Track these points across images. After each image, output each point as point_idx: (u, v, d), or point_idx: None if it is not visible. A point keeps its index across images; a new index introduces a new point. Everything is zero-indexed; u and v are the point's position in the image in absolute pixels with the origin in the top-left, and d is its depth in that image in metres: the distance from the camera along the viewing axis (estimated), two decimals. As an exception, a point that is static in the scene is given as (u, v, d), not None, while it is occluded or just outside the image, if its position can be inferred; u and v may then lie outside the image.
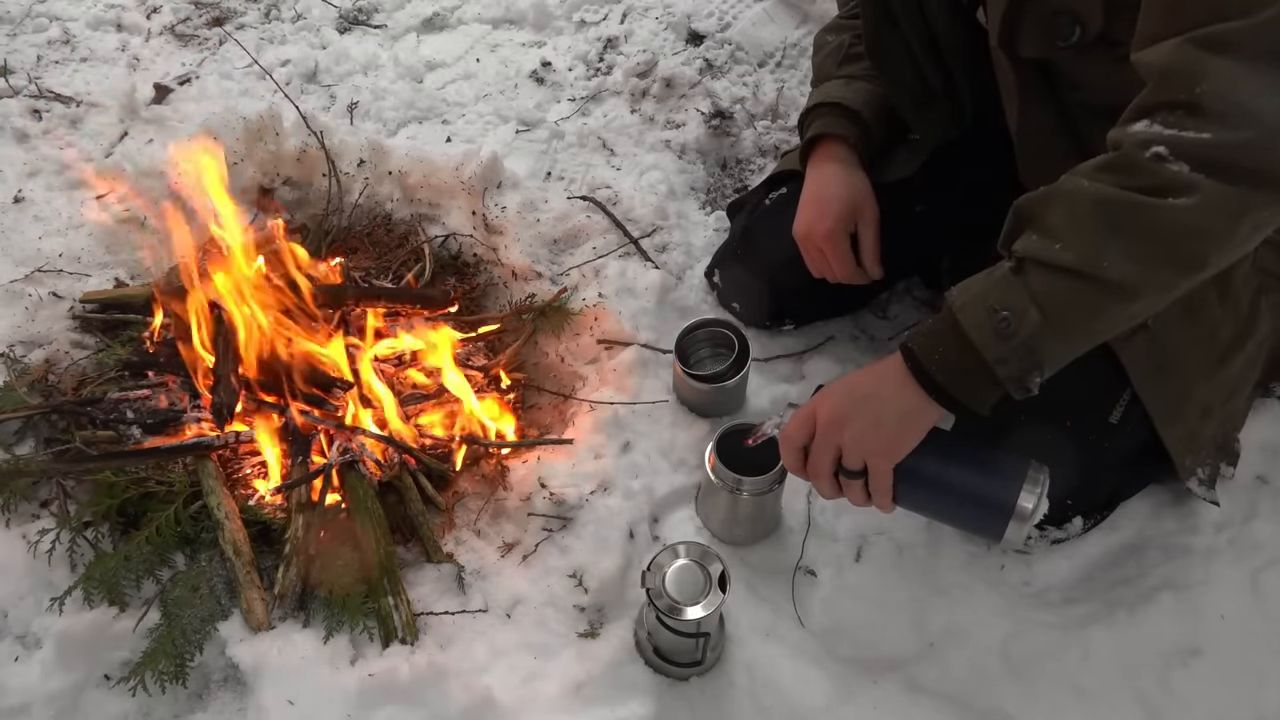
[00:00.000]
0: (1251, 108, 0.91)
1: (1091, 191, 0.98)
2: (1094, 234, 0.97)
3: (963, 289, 1.06)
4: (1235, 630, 1.36)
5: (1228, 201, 0.93)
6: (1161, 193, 0.94)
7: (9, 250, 1.84)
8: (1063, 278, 0.98)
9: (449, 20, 2.40)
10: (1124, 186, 0.96)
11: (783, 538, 1.50)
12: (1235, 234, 0.96)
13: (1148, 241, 0.96)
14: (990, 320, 1.01)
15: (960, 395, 1.06)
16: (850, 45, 1.52)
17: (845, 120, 1.48)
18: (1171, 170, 0.93)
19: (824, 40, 1.60)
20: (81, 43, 2.32)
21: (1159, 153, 0.94)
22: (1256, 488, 1.49)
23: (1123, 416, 1.33)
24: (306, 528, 1.43)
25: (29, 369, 1.63)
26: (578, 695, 1.32)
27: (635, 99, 2.18)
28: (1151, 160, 0.94)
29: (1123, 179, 0.96)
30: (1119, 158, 0.97)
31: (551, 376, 1.70)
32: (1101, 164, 0.99)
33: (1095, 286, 0.97)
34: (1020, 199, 1.05)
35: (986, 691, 1.35)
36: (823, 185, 1.48)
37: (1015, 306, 1.00)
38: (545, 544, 1.47)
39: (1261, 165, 0.92)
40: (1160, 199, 0.94)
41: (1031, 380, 1.03)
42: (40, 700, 1.30)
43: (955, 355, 1.04)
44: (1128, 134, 0.97)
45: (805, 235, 1.49)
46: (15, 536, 1.43)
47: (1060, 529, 1.41)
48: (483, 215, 1.87)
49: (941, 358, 1.05)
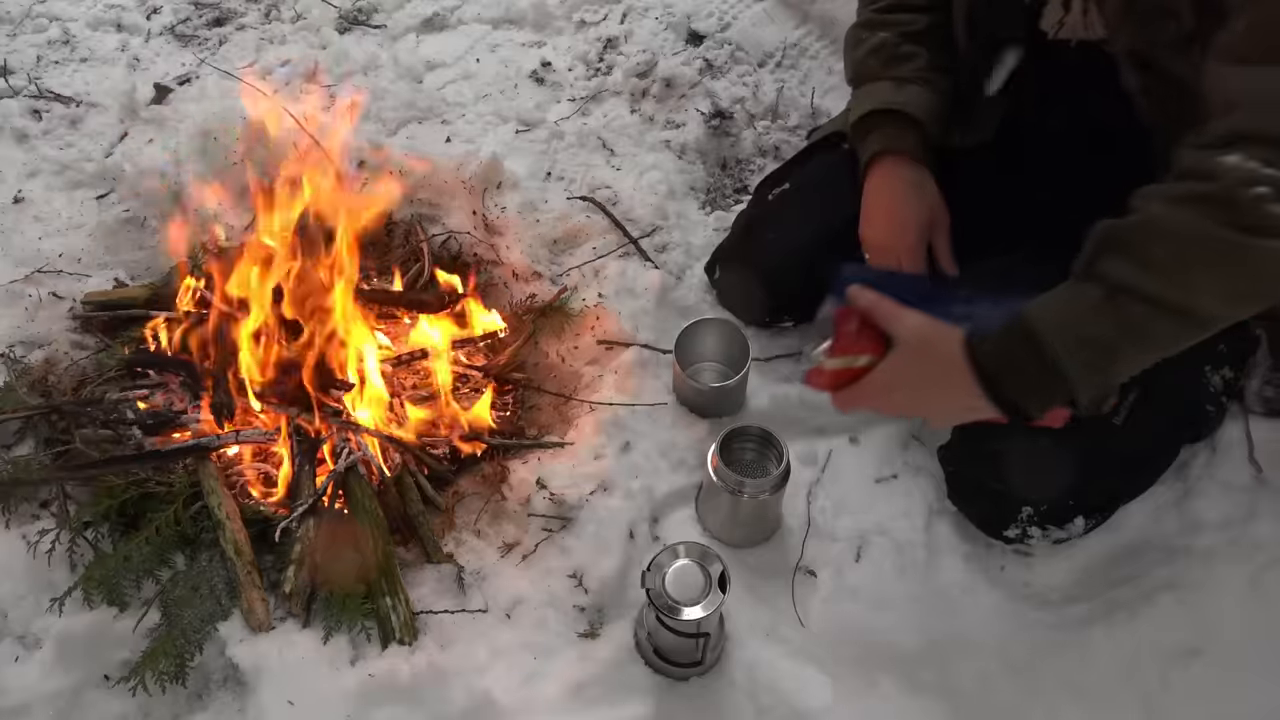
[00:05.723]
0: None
1: (1193, 227, 0.98)
2: (1191, 269, 0.98)
3: (1043, 311, 1.04)
4: (1235, 630, 1.36)
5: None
6: (1261, 233, 0.94)
7: (9, 250, 1.84)
8: (1156, 311, 0.99)
9: (449, 20, 2.40)
10: (1227, 224, 0.96)
11: (783, 538, 1.50)
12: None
13: (1244, 281, 0.98)
14: (1085, 351, 1.01)
15: (1030, 408, 1.07)
16: (898, 44, 1.46)
17: (907, 129, 1.43)
18: (1274, 212, 0.94)
19: (860, 36, 1.51)
20: (81, 43, 2.31)
21: (1261, 194, 0.94)
22: (1256, 488, 1.49)
23: (1126, 418, 1.33)
24: (316, 529, 1.43)
25: (29, 369, 1.63)
26: (578, 696, 1.32)
27: (635, 99, 2.18)
28: (1255, 200, 0.94)
29: (1223, 215, 0.96)
30: (1220, 192, 0.96)
31: (552, 377, 1.70)
32: (1197, 194, 0.98)
33: (1184, 319, 0.99)
34: (1107, 223, 1.03)
35: (986, 691, 1.35)
36: (897, 199, 1.44)
37: (1105, 338, 1.01)
38: (545, 544, 1.47)
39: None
40: (1260, 239, 0.94)
41: (1107, 401, 1.05)
42: (40, 700, 1.30)
43: (1036, 380, 1.04)
44: (1224, 166, 0.96)
45: (883, 249, 1.45)
46: (15, 537, 1.43)
47: (1062, 529, 1.41)
48: (483, 215, 1.87)
49: (1021, 380, 1.05)
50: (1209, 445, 1.51)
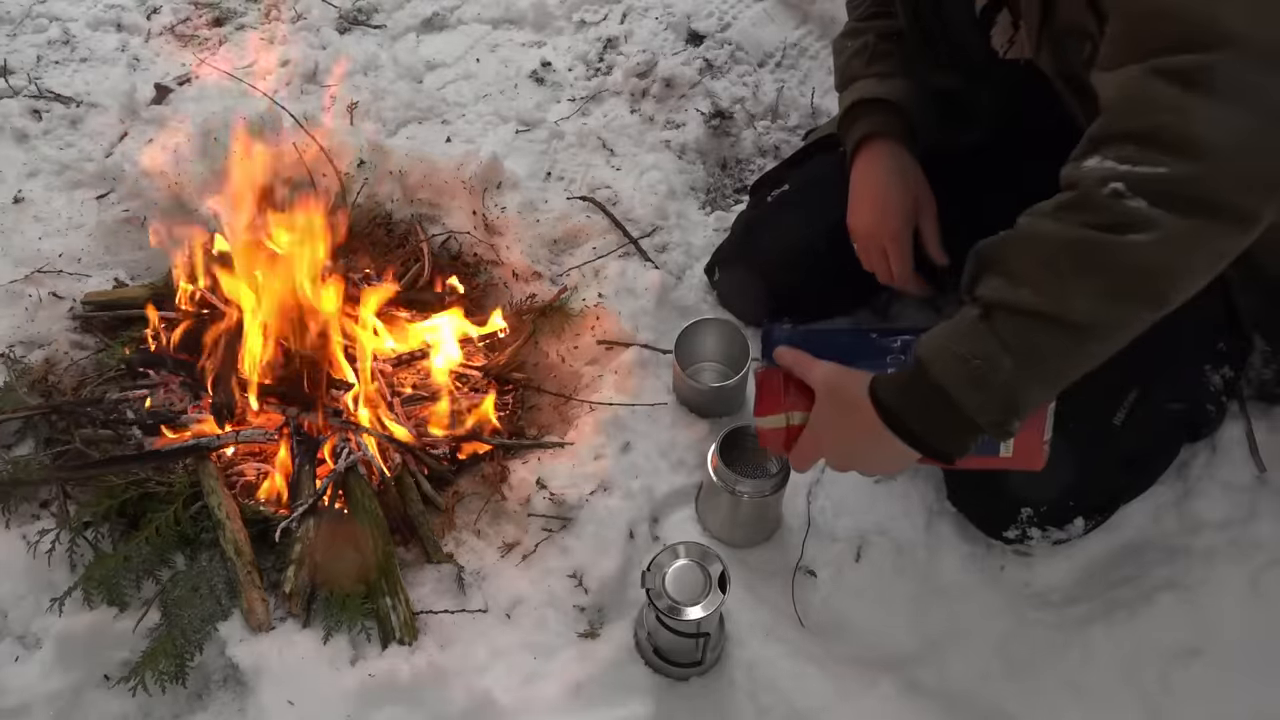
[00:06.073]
0: (1205, 139, 0.90)
1: (1054, 233, 0.97)
2: (1059, 276, 0.96)
3: (929, 338, 1.05)
4: (1235, 630, 1.36)
5: (1186, 235, 0.92)
6: (1121, 230, 0.93)
7: (9, 250, 1.84)
8: (1031, 321, 0.98)
9: (449, 20, 2.40)
10: (1085, 225, 0.95)
11: (783, 538, 1.50)
12: (1197, 267, 0.95)
13: (1111, 280, 0.95)
14: (964, 370, 1.00)
15: (940, 444, 1.06)
16: (876, 44, 1.50)
17: (891, 116, 1.46)
18: (1129, 206, 0.92)
19: (843, 45, 1.56)
20: (81, 43, 2.31)
21: (1117, 189, 0.93)
22: (1256, 488, 1.49)
23: (1126, 419, 1.33)
24: (316, 529, 1.43)
25: (29, 369, 1.63)
26: (578, 695, 1.32)
27: (635, 99, 2.18)
28: (1110, 197, 0.93)
29: (1083, 217, 0.95)
30: (1078, 196, 0.96)
31: (552, 377, 1.70)
32: (1061, 203, 0.98)
33: (1063, 328, 0.97)
34: (980, 244, 1.04)
35: (986, 691, 1.35)
36: (881, 184, 1.46)
37: (987, 354, 0.99)
38: (545, 544, 1.47)
39: (1217, 198, 0.91)
40: (1119, 235, 0.93)
41: (1011, 424, 1.02)
42: (40, 700, 1.30)
43: (932, 408, 1.03)
44: (1083, 170, 0.96)
45: (869, 235, 1.47)
46: (15, 537, 1.43)
47: (1062, 530, 1.40)
48: (483, 215, 1.87)
49: (917, 411, 1.05)
50: (1209, 445, 1.51)
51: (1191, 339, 1.39)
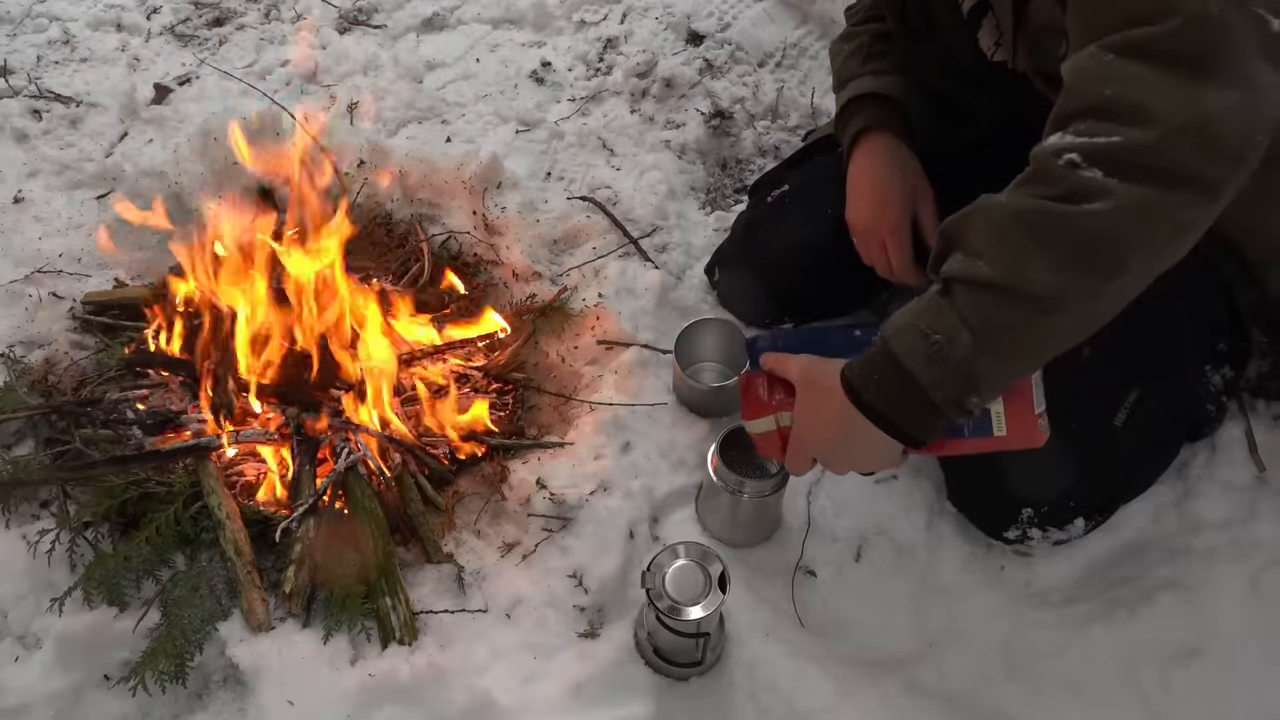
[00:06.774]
0: (1156, 108, 0.90)
1: (1009, 205, 0.97)
2: (1013, 246, 0.96)
3: (895, 318, 1.05)
4: (1235, 630, 1.36)
5: (1140, 204, 0.92)
6: (1075, 199, 0.93)
7: (9, 250, 1.84)
8: (987, 294, 0.97)
9: (449, 20, 2.40)
10: (1041, 196, 0.95)
11: (783, 538, 1.50)
12: (1154, 237, 0.94)
13: (1066, 249, 0.95)
14: (923, 345, 1.00)
15: (906, 426, 1.05)
16: (871, 44, 1.51)
17: (887, 110, 1.47)
18: (1084, 176, 0.92)
19: (839, 48, 1.58)
20: (81, 43, 2.31)
21: (1072, 160, 0.93)
22: (1256, 487, 1.49)
23: (1127, 419, 1.33)
24: (316, 529, 1.43)
25: (29, 369, 1.63)
26: (578, 696, 1.32)
27: (635, 99, 2.18)
28: (1065, 167, 0.93)
29: (1038, 189, 0.96)
30: (1034, 170, 0.97)
31: (552, 377, 1.70)
32: (1020, 179, 0.99)
33: (1020, 300, 0.96)
34: (946, 221, 1.04)
35: (986, 691, 1.35)
36: (878, 177, 1.47)
37: (946, 329, 0.99)
38: (545, 544, 1.47)
39: (1169, 165, 0.91)
40: (1074, 205, 0.93)
41: (969, 402, 1.01)
42: (40, 700, 1.30)
43: (894, 385, 1.03)
44: (1044, 147, 0.97)
45: (867, 228, 1.47)
46: (15, 537, 1.43)
47: (1062, 530, 1.40)
48: (483, 215, 1.87)
49: (880, 389, 1.04)
50: (1209, 445, 1.51)
51: (1191, 339, 1.39)
